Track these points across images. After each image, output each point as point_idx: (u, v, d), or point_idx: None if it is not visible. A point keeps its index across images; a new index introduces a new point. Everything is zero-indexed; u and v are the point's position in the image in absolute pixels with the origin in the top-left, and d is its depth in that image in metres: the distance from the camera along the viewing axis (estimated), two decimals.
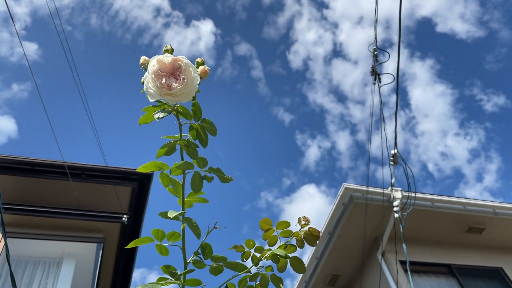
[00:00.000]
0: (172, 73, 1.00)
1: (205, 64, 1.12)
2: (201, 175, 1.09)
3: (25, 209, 5.20)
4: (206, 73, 1.08)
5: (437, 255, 6.57)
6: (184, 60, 1.00)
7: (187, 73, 0.99)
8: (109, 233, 5.52)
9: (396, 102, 3.77)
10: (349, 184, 6.12)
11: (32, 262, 5.11)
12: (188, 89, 0.99)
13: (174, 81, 0.98)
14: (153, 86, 0.99)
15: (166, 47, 1.09)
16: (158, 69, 0.99)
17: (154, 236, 1.08)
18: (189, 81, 0.99)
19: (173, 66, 1.00)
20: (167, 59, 1.00)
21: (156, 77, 0.99)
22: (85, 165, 5.81)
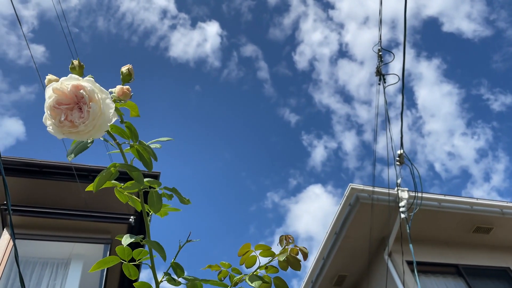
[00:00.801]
0: (77, 103, 0.77)
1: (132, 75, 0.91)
2: (158, 194, 0.98)
3: (33, 210, 5.24)
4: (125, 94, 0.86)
5: (444, 255, 6.54)
6: (88, 86, 0.77)
7: (92, 104, 0.76)
8: (116, 234, 5.54)
9: (402, 102, 3.77)
10: (355, 184, 6.11)
11: (40, 263, 5.15)
12: (96, 123, 0.77)
13: (78, 115, 0.76)
14: (51, 124, 0.78)
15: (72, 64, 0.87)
16: (55, 102, 0.77)
17: (120, 255, 0.99)
18: (96, 113, 0.77)
19: (75, 95, 0.77)
20: (66, 87, 0.77)
21: (52, 112, 0.77)
22: (92, 166, 5.85)
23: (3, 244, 4.93)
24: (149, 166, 0.96)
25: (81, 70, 0.86)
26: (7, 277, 4.79)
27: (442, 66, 14.52)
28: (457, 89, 14.77)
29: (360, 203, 6.04)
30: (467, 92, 14.90)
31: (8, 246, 4.90)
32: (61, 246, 5.30)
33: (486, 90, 14.26)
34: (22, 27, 3.82)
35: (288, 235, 1.04)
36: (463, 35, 13.40)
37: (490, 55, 13.85)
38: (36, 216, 5.23)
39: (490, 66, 14.08)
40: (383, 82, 3.93)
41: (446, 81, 14.68)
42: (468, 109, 15.26)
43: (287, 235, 1.04)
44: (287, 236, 1.04)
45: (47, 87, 0.79)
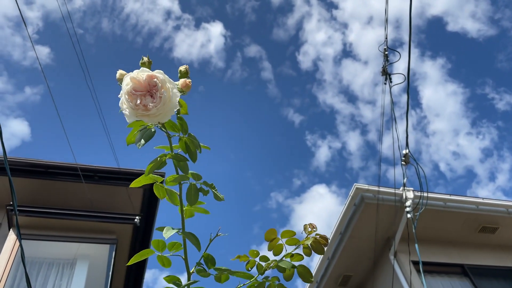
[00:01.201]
0: (149, 91, 0.91)
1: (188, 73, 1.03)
2: (196, 187, 1.05)
3: (39, 211, 5.26)
4: (187, 87, 0.99)
5: (450, 255, 6.52)
6: (160, 76, 0.91)
7: (163, 91, 0.90)
8: (122, 234, 5.57)
9: (407, 101, 3.76)
10: (360, 184, 6.10)
11: (46, 263, 5.17)
12: (166, 108, 0.91)
13: (150, 100, 0.90)
14: (128, 107, 0.91)
15: (143, 60, 1.00)
16: (132, 89, 0.91)
17: (155, 247, 1.06)
18: (166, 100, 0.90)
19: (148, 84, 0.91)
20: (142, 76, 0.91)
21: (130, 97, 0.90)
22: (97, 167, 5.87)
23: (10, 245, 4.95)
24: (194, 158, 1.04)
25: (149, 65, 0.99)
26: (13, 278, 4.81)
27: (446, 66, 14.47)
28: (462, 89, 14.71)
29: (365, 203, 6.02)
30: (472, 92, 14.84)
31: (15, 246, 4.92)
32: (66, 247, 5.32)
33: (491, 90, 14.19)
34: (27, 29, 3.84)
35: (311, 223, 1.10)
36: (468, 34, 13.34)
37: (494, 55, 13.79)
38: (42, 217, 5.25)
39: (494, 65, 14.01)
40: (389, 82, 3.92)
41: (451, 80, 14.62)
42: (473, 109, 15.19)
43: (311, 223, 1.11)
44: (311, 224, 1.10)
45: (124, 77, 0.93)
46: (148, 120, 0.92)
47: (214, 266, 1.07)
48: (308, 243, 1.09)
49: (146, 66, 0.99)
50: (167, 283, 1.04)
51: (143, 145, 0.96)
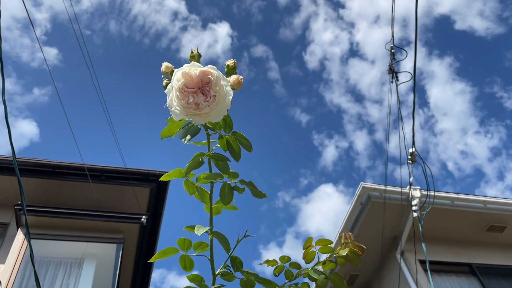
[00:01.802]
0: (200, 88, 0.83)
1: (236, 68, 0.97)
2: (231, 186, 0.99)
3: (47, 210, 5.30)
4: (239, 84, 0.92)
5: (457, 254, 6.49)
6: (215, 73, 0.84)
7: (218, 89, 0.83)
8: (129, 233, 5.59)
9: (413, 99, 3.74)
10: (366, 183, 6.08)
11: (54, 262, 5.20)
12: (219, 107, 0.84)
13: (203, 98, 0.83)
14: (179, 105, 0.84)
15: (192, 53, 0.93)
16: (184, 85, 0.83)
17: (180, 246, 0.99)
18: (220, 98, 0.83)
19: (201, 80, 0.83)
20: (195, 71, 0.83)
21: (181, 94, 0.83)
22: (104, 166, 5.90)
23: (18, 244, 4.99)
24: (238, 157, 0.97)
25: (199, 58, 0.92)
26: (21, 277, 4.85)
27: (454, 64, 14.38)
28: (470, 87, 14.61)
29: (371, 202, 6.00)
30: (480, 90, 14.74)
31: (23, 246, 4.96)
32: (74, 246, 5.35)
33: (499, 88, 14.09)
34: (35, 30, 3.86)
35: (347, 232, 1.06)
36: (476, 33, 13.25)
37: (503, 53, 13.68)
38: (50, 216, 5.28)
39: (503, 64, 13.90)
40: (395, 80, 3.90)
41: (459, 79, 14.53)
42: (481, 108, 15.09)
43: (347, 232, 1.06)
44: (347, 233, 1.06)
45: (175, 71, 0.85)
46: (199, 119, 0.86)
47: (242, 269, 1.01)
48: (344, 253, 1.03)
49: (196, 60, 0.92)
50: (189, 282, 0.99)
51: (188, 141, 0.90)
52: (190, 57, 0.93)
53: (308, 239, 1.09)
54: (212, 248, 0.99)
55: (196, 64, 0.86)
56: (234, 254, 1.01)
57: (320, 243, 1.07)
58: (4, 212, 5.57)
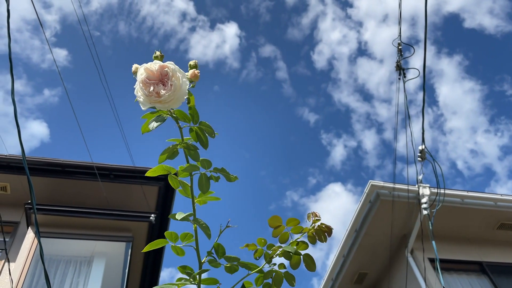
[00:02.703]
0: (161, 80, 1.00)
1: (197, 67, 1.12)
2: (207, 176, 1.11)
3: (57, 209, 5.34)
4: (196, 77, 1.09)
5: (467, 253, 6.43)
6: (171, 66, 1.01)
7: (174, 79, 0.99)
8: (138, 232, 5.62)
9: (423, 96, 3.71)
10: (375, 181, 6.05)
11: (64, 261, 5.24)
12: (176, 94, 1.00)
13: (162, 88, 0.99)
14: (142, 94, 1.00)
15: (155, 54, 1.10)
16: (146, 78, 1.00)
17: (168, 238, 1.12)
18: (177, 87, 1.00)
19: (160, 73, 1.00)
20: (154, 66, 1.00)
21: (144, 85, 1.00)
22: (113, 165, 5.92)
23: (28, 243, 5.03)
24: (205, 145, 1.11)
25: (161, 59, 1.08)
26: (32, 275, 4.89)
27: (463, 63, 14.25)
28: (480, 86, 14.47)
29: (380, 200, 5.97)
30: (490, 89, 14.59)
31: (33, 244, 5.00)
32: (84, 244, 5.39)
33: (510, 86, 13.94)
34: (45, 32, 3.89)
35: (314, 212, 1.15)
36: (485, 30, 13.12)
37: None
38: (59, 215, 5.32)
39: None
40: (403, 77, 3.87)
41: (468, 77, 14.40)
42: (491, 106, 14.94)
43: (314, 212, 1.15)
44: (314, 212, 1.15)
45: (139, 67, 1.02)
46: (160, 106, 1.01)
47: (224, 255, 1.12)
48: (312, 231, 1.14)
49: (159, 59, 1.08)
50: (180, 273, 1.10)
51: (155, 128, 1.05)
52: (154, 57, 1.09)
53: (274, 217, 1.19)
54: (196, 238, 1.10)
55: (157, 62, 1.03)
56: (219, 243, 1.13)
57: (290, 223, 1.16)
58: (14, 211, 5.62)
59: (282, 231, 1.17)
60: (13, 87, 2.31)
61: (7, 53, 2.38)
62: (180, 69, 1.02)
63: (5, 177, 5.57)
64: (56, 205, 5.41)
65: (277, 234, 1.18)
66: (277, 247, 1.16)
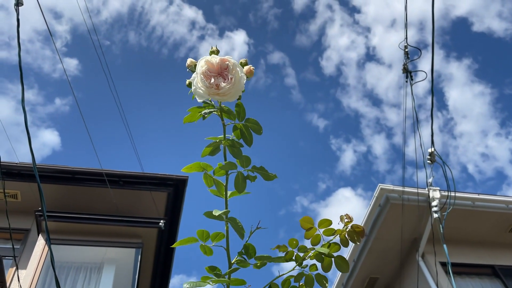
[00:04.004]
0: (220, 73, 1.02)
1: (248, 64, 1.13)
2: (244, 175, 1.10)
3: (67, 216, 5.36)
4: (251, 73, 1.11)
5: (479, 256, 6.36)
6: (232, 60, 1.02)
7: (234, 73, 1.01)
8: (147, 238, 5.63)
9: (431, 98, 3.69)
10: (384, 184, 6.01)
11: (74, 267, 5.26)
12: (235, 88, 1.02)
13: (222, 80, 1.01)
14: (202, 86, 1.02)
15: (212, 49, 1.11)
16: (207, 70, 1.01)
17: (199, 237, 1.11)
18: (236, 80, 1.01)
19: (220, 66, 1.02)
20: (215, 59, 1.02)
21: (205, 77, 1.01)
22: (122, 172, 5.95)
23: (39, 250, 5.06)
24: (250, 143, 1.10)
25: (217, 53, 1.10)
26: (43, 282, 4.92)
27: (473, 66, 14.16)
28: (490, 89, 14.36)
29: (390, 204, 5.93)
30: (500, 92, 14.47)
31: (44, 251, 5.02)
32: (94, 251, 5.41)
33: None
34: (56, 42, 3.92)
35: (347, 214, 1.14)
36: (494, 34, 13.03)
37: None
38: (69, 222, 5.35)
39: None
40: (410, 79, 3.85)
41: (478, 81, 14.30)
42: (502, 109, 14.81)
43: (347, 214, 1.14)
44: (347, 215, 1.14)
45: (199, 60, 1.03)
46: (218, 98, 1.03)
47: (255, 256, 1.11)
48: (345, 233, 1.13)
49: (215, 54, 1.09)
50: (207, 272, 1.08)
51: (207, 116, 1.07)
52: (211, 52, 1.10)
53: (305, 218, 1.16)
54: (227, 238, 1.09)
55: (216, 56, 1.04)
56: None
57: (322, 225, 1.15)
58: (25, 218, 5.65)
59: (314, 233, 1.16)
60: (23, 95, 2.33)
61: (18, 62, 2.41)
62: (238, 64, 1.04)
63: (16, 185, 5.61)
64: (66, 212, 5.44)
65: (310, 236, 1.16)
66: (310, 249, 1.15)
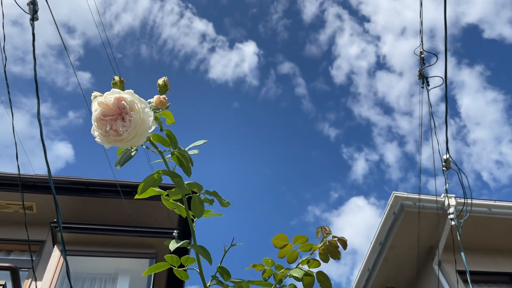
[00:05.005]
0: (120, 114, 0.85)
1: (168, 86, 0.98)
2: (200, 199, 1.03)
3: (81, 227, 5.40)
4: (162, 103, 0.93)
5: (497, 264, 6.25)
6: (128, 97, 0.85)
7: (133, 113, 0.83)
8: (161, 248, 5.62)
9: (445, 104, 3.66)
10: (399, 192, 5.95)
11: (89, 278, 5.28)
12: (138, 130, 0.84)
13: (121, 124, 0.84)
14: (99, 134, 0.86)
15: (114, 80, 0.93)
16: (101, 114, 0.85)
17: (170, 262, 1.07)
18: (138, 122, 0.84)
19: (117, 107, 0.84)
20: (109, 100, 0.85)
21: (99, 124, 0.85)
22: (135, 182, 5.97)
23: (54, 261, 5.09)
24: (188, 172, 1.00)
25: (122, 85, 0.93)
26: None
27: (485, 73, 14.04)
28: (503, 96, 14.19)
29: (405, 212, 5.87)
30: None
31: (59, 262, 5.05)
32: (108, 262, 5.42)
33: None
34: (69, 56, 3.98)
35: (324, 227, 1.04)
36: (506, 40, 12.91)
37: None
38: (84, 233, 5.38)
39: None
40: (426, 85, 3.83)
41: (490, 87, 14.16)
42: None
43: (323, 227, 1.04)
44: (323, 227, 1.04)
45: (93, 102, 0.86)
46: (122, 145, 0.86)
47: (230, 278, 1.07)
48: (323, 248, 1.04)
49: (118, 87, 0.92)
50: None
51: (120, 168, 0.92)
52: (113, 84, 0.93)
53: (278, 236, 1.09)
54: (199, 261, 1.04)
55: (115, 91, 0.87)
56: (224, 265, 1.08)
57: (298, 241, 1.07)
58: (40, 230, 5.70)
59: (289, 250, 1.08)
60: (39, 108, 2.36)
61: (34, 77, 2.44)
62: (140, 98, 0.87)
63: (32, 197, 5.67)
64: (81, 223, 5.48)
65: (284, 254, 1.09)
66: (285, 270, 1.07)
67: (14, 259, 5.48)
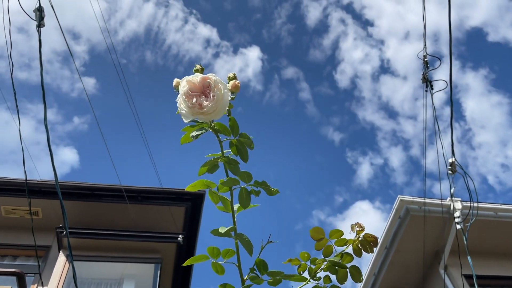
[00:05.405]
0: (203, 92, 1.00)
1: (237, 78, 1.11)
2: (247, 190, 1.08)
3: (87, 232, 5.41)
4: (237, 88, 1.08)
5: (504, 268, 6.20)
6: (213, 77, 1.01)
7: (216, 90, 0.99)
8: (166, 253, 5.63)
9: (451, 107, 3.65)
10: (404, 196, 5.93)
11: (95, 283, 5.29)
12: (219, 105, 1.00)
13: (204, 99, 0.99)
14: (185, 106, 1.01)
15: (196, 67, 1.11)
16: (188, 90, 1.00)
17: (210, 254, 1.08)
18: (219, 98, 0.99)
19: (202, 85, 1.01)
20: (196, 78, 1.01)
21: (186, 97, 1.00)
22: (140, 187, 5.99)
23: (60, 266, 5.10)
24: (245, 158, 1.09)
25: (202, 71, 1.10)
26: None
27: (490, 76, 14.02)
28: (508, 99, 14.15)
29: (410, 216, 5.84)
30: None
31: (65, 268, 5.06)
32: (113, 267, 5.43)
33: None
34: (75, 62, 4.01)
35: (358, 223, 1.10)
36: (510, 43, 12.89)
37: None
38: (89, 238, 5.39)
39: None
40: (430, 89, 3.82)
41: (495, 91, 14.12)
42: None
43: (358, 223, 1.10)
44: (358, 223, 1.10)
45: (181, 80, 1.03)
46: (203, 117, 1.01)
47: (267, 271, 1.08)
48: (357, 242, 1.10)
49: (200, 72, 1.08)
50: None
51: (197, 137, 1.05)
52: (195, 70, 1.09)
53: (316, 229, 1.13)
54: (238, 254, 1.07)
55: (198, 74, 1.04)
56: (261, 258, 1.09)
57: (334, 235, 1.11)
58: (46, 235, 5.71)
59: (326, 244, 1.12)
60: (46, 114, 2.38)
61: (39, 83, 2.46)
62: (221, 80, 1.02)
63: (38, 202, 5.69)
64: (86, 228, 5.49)
65: (321, 247, 1.13)
66: (321, 260, 1.11)
67: (20, 264, 5.49)
